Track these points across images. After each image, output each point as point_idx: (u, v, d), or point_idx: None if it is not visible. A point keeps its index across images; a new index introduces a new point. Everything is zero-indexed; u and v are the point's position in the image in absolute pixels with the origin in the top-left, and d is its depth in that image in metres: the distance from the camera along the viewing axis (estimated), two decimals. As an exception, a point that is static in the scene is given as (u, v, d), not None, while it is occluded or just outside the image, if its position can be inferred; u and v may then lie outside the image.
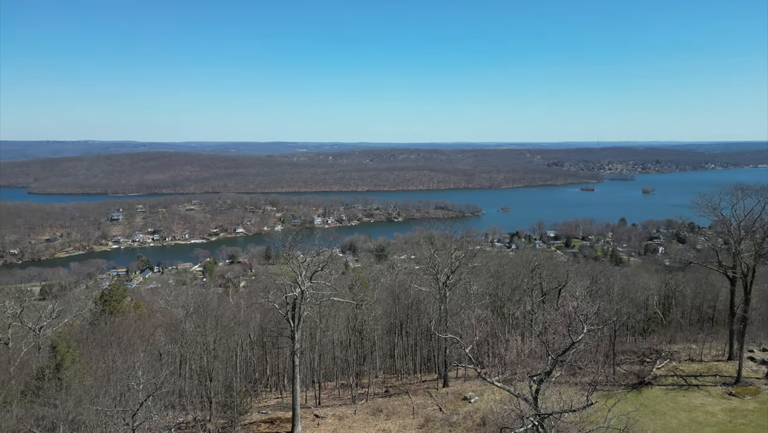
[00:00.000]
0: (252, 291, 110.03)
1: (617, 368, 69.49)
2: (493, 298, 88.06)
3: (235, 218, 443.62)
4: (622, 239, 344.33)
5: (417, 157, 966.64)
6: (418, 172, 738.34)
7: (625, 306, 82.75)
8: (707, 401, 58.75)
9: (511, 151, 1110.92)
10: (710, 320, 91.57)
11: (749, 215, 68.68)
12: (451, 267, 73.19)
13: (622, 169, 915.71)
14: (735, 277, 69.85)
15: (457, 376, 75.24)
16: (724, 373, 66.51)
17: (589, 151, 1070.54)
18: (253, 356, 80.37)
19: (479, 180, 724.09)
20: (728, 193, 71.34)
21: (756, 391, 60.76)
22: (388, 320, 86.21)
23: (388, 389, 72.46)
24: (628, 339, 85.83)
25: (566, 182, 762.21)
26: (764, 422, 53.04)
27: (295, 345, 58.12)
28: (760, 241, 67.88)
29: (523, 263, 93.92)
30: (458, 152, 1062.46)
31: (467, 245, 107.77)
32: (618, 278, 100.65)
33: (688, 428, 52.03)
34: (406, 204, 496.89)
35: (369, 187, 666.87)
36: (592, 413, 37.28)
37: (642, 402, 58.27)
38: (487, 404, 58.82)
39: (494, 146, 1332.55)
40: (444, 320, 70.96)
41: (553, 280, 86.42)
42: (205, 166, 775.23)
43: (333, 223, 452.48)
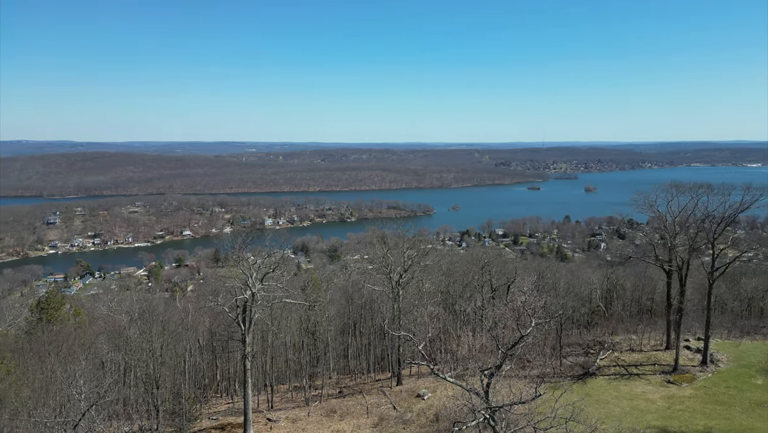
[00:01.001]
0: (200, 295, 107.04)
1: (563, 360, 71.85)
2: (445, 295, 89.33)
3: (181, 220, 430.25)
4: (567, 236, 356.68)
5: (369, 157, 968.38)
6: (371, 172, 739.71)
7: (570, 300, 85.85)
8: (647, 389, 61.65)
9: (461, 152, 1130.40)
10: (649, 311, 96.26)
11: (683, 211, 72.52)
12: (403, 266, 73.66)
13: (566, 168, 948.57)
14: (671, 270, 73.58)
15: (411, 373, 75.83)
16: (662, 362, 69.97)
17: (535, 151, 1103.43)
18: (203, 362, 78.23)
19: (430, 180, 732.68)
20: (664, 190, 75.02)
21: (692, 378, 64.29)
22: (341, 320, 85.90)
23: (342, 390, 72.18)
24: (573, 332, 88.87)
25: (513, 181, 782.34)
26: (700, 407, 56.18)
27: (247, 349, 56.95)
28: (694, 235, 71.85)
29: (474, 261, 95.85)
30: (409, 152, 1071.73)
31: (419, 243, 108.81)
32: (563, 273, 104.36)
33: (630, 415, 54.41)
34: (358, 204, 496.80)
35: (321, 187, 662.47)
36: (540, 404, 38.41)
37: (587, 392, 60.53)
38: (440, 400, 59.56)
39: (444, 146, 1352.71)
40: (397, 318, 71.33)
41: (503, 276, 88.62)
42: (149, 166, 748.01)
43: (284, 224, 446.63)
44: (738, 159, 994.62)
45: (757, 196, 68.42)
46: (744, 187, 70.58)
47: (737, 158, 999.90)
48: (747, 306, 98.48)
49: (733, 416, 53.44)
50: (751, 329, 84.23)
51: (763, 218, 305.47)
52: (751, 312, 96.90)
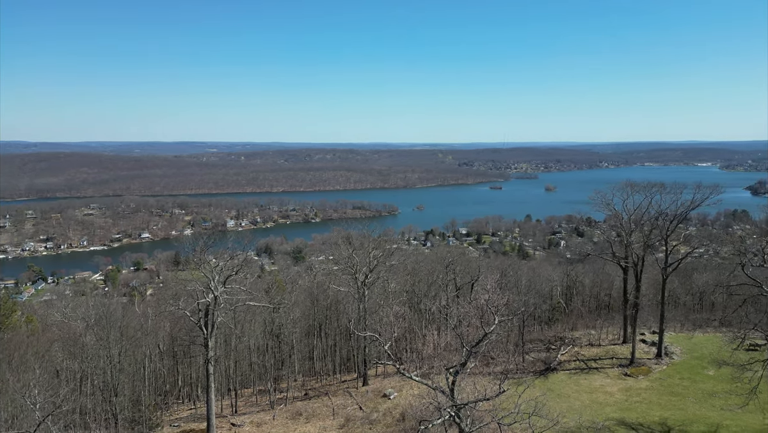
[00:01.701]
0: (160, 299, 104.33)
1: (526, 356, 73.33)
2: (411, 294, 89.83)
3: (139, 223, 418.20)
4: (528, 235, 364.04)
5: (333, 158, 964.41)
6: (335, 173, 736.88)
7: (532, 297, 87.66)
8: (606, 382, 63.57)
9: (425, 152, 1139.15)
10: (607, 307, 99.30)
11: (638, 210, 75.07)
12: (369, 266, 73.70)
13: (527, 168, 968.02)
14: (627, 266, 76.08)
15: (377, 373, 75.93)
16: (619, 355, 72.27)
17: (497, 152, 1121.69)
18: (163, 367, 76.28)
19: (395, 180, 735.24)
20: (620, 189, 77.49)
21: (647, 370, 66.63)
22: (306, 322, 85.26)
23: (307, 392, 71.66)
24: (535, 328, 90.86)
25: (476, 181, 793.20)
26: (656, 398, 58.29)
27: (209, 353, 55.85)
28: (648, 233, 74.50)
29: (438, 260, 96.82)
30: (374, 153, 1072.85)
31: (385, 243, 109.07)
32: (525, 271, 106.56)
33: (590, 408, 55.98)
34: (323, 204, 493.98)
35: (284, 187, 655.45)
36: (504, 400, 39.10)
37: (549, 387, 61.96)
38: (406, 399, 59.85)
39: (408, 147, 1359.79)
40: (363, 318, 71.32)
41: (466, 275, 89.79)
42: (106, 167, 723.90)
43: (247, 225, 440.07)
44: (689, 159, 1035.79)
45: (707, 195, 71.49)
46: (695, 186, 73.64)
47: (689, 158, 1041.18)
48: (699, 300, 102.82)
49: (687, 406, 55.66)
50: (703, 322, 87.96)
51: (713, 216, 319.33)
52: (702, 306, 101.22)
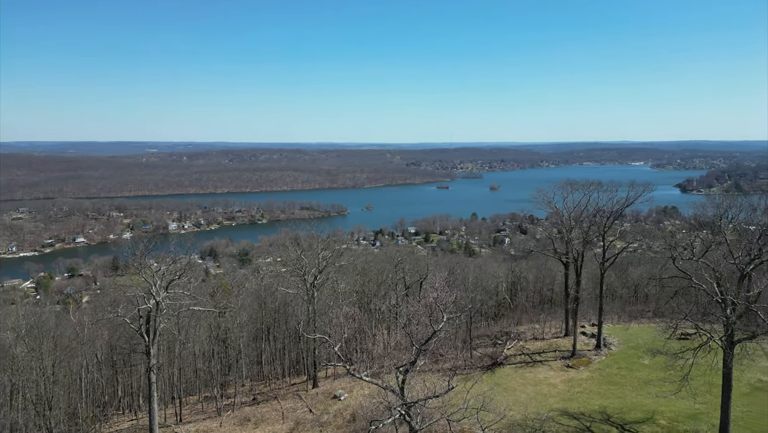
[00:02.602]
0: (98, 306, 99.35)
1: (474, 352, 74.80)
2: (361, 295, 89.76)
3: (74, 227, 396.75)
4: (475, 233, 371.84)
5: (280, 158, 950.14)
6: (282, 173, 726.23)
7: (478, 294, 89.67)
8: (550, 375, 65.76)
9: (373, 152, 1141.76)
10: (550, 301, 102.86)
11: (577, 207, 78.16)
12: (318, 267, 73.06)
13: (473, 168, 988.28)
14: (568, 262, 79.09)
15: (327, 375, 75.39)
16: (562, 348, 74.94)
17: (443, 152, 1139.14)
18: (102, 378, 72.78)
19: (343, 180, 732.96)
20: (560, 188, 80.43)
21: (588, 361, 69.43)
22: (254, 325, 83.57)
23: (255, 397, 70.23)
24: (482, 324, 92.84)
25: (424, 181, 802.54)
26: (596, 388, 60.80)
27: (151, 361, 53.68)
28: (587, 229, 77.70)
29: (388, 259, 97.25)
30: (322, 152, 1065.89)
31: (334, 244, 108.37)
32: (472, 268, 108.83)
33: (535, 400, 57.73)
34: (270, 205, 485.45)
35: (229, 188, 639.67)
36: (453, 396, 39.67)
37: (496, 381, 63.43)
38: (356, 400, 59.72)
39: (356, 147, 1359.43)
40: (312, 320, 70.62)
41: (415, 273, 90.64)
42: (36, 169, 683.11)
43: (190, 227, 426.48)
44: (623, 158, 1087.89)
45: (640, 192, 75.40)
46: (629, 184, 77.52)
47: (623, 157, 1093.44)
48: (634, 293, 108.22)
49: (625, 394, 58.39)
50: (638, 314, 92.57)
51: (646, 212, 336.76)
52: (637, 298, 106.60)
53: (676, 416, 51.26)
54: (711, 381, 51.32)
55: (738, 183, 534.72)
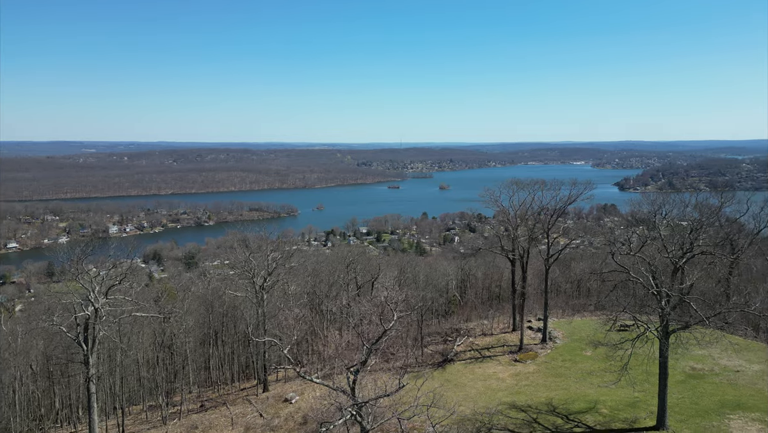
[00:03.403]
0: (32, 314, 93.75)
1: (425, 350, 75.55)
2: (312, 296, 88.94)
3: (5, 231, 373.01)
4: (425, 231, 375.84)
5: (227, 158, 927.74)
6: (229, 173, 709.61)
7: (429, 292, 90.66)
8: (498, 369, 67.26)
9: (323, 152, 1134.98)
10: (498, 297, 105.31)
11: (523, 205, 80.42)
12: (267, 269, 71.84)
13: (422, 167, 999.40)
14: (514, 258, 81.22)
15: (278, 378, 74.23)
16: (510, 343, 76.85)
17: (394, 152, 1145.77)
18: (38, 390, 68.82)
19: (293, 180, 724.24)
20: (506, 187, 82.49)
21: (534, 355, 71.49)
22: (201, 330, 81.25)
23: (203, 403, 68.25)
24: (433, 321, 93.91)
25: (375, 181, 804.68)
26: (542, 381, 62.63)
27: (91, 371, 51.21)
28: (532, 227, 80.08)
29: (339, 260, 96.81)
30: (270, 152, 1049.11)
31: (284, 245, 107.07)
32: (422, 266, 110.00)
33: (484, 395, 58.88)
34: (217, 207, 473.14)
35: (174, 190, 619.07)
36: (404, 394, 39.90)
37: (446, 378, 64.33)
38: (307, 402, 59.11)
39: (306, 147, 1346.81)
40: (262, 323, 69.35)
41: (367, 273, 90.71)
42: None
43: (132, 231, 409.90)
44: (566, 158, 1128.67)
45: (582, 191, 78.46)
46: (571, 183, 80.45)
47: (565, 157, 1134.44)
48: (577, 287, 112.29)
49: (569, 386, 60.46)
50: (581, 307, 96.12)
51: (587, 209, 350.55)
52: (580, 292, 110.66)
53: (617, 404, 53.53)
54: (648, 370, 53.86)
55: (671, 181, 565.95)
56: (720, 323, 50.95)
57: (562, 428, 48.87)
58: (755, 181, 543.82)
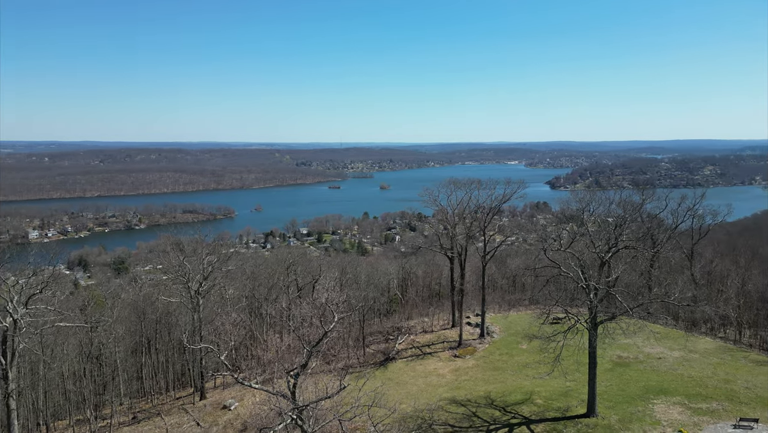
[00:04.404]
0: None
1: (367, 349, 75.72)
2: (251, 300, 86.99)
3: None
4: (367, 231, 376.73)
5: (159, 158, 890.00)
6: (161, 174, 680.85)
7: (371, 291, 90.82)
8: (439, 366, 68.44)
9: (261, 151, 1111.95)
10: (438, 295, 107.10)
11: (460, 204, 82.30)
12: (203, 273, 69.59)
13: (363, 167, 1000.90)
14: (453, 256, 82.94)
15: (216, 385, 72.10)
16: (449, 339, 78.37)
17: (334, 152, 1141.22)
18: (-53, 411, 63.23)
19: (230, 181, 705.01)
20: (445, 186, 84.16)
21: (473, 350, 73.29)
22: (132, 339, 77.51)
23: (136, 415, 65.23)
24: (375, 321, 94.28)
25: (315, 181, 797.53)
26: (480, 375, 64.31)
27: (10, 386, 47.72)
28: (469, 225, 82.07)
29: (279, 262, 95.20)
30: (205, 152, 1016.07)
31: (220, 248, 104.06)
32: (364, 266, 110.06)
33: (425, 392, 59.73)
34: (148, 209, 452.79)
35: (101, 192, 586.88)
36: (346, 395, 39.78)
37: (388, 376, 64.77)
38: (247, 409, 57.74)
39: (243, 146, 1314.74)
40: (198, 329, 67.10)
41: (308, 275, 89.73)
42: None
43: (55, 235, 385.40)
44: (500, 158, 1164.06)
45: (515, 189, 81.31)
46: (505, 182, 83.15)
47: (500, 157, 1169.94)
48: (512, 283, 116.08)
49: (506, 378, 62.44)
50: (516, 302, 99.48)
51: (521, 207, 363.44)
52: (515, 287, 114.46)
53: (551, 394, 55.81)
54: (579, 360, 56.51)
55: (598, 180, 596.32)
56: (643, 313, 54.25)
57: (500, 420, 50.38)
58: (673, 179, 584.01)
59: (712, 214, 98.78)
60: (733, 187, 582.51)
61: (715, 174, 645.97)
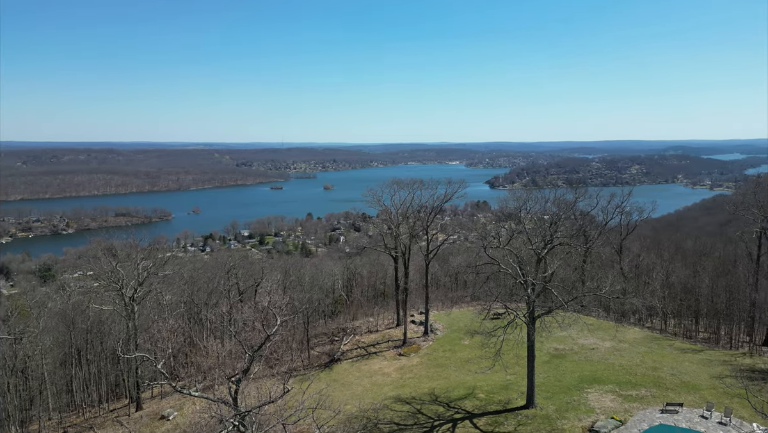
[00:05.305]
0: None
1: (311, 352, 75.03)
2: (189, 305, 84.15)
3: None
4: (310, 232, 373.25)
5: (88, 159, 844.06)
6: (91, 176, 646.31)
7: (315, 293, 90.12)
8: (384, 365, 68.79)
9: (199, 152, 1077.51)
10: (383, 294, 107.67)
11: (403, 204, 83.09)
12: (138, 279, 66.69)
13: (306, 168, 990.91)
14: (397, 256, 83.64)
15: (153, 395, 69.28)
16: (394, 338, 78.96)
17: (276, 152, 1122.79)
18: None
19: (166, 182, 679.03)
20: (388, 186, 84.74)
21: (417, 348, 74.16)
22: (61, 350, 73.12)
23: (66, 430, 61.67)
24: (319, 322, 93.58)
25: (256, 182, 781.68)
26: (425, 372, 65.15)
27: None
28: (413, 224, 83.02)
29: (219, 265, 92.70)
30: (139, 152, 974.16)
31: (157, 252, 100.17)
32: (308, 268, 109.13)
33: (370, 391, 59.86)
34: (77, 213, 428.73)
35: (24, 195, 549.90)
36: (290, 399, 39.20)
37: (333, 378, 64.45)
38: (187, 418, 55.82)
39: (180, 146, 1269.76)
40: (133, 337, 64.24)
41: (250, 278, 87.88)
42: None
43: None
44: (442, 158, 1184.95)
45: (456, 189, 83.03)
46: (446, 182, 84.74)
47: (441, 157, 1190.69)
48: (455, 280, 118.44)
49: (449, 374, 63.58)
50: (459, 299, 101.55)
51: (462, 206, 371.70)
52: (458, 285, 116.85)
53: (492, 388, 57.36)
54: (519, 354, 58.36)
55: (534, 179, 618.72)
56: (577, 307, 56.63)
57: (444, 415, 51.26)
58: (603, 178, 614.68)
59: (638, 211, 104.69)
60: (658, 185, 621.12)
61: (641, 173, 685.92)
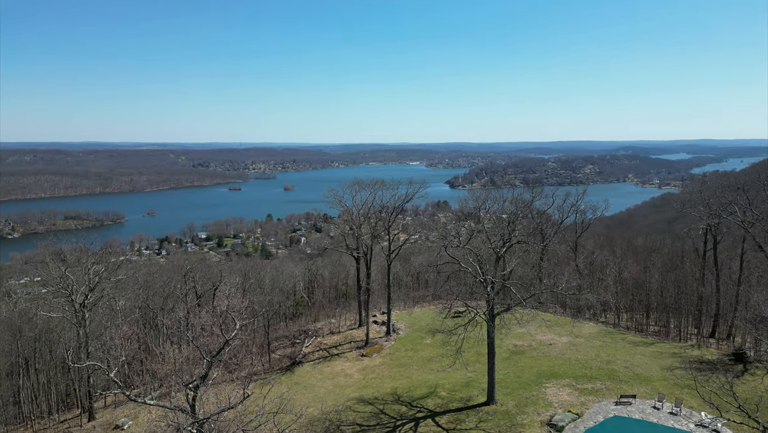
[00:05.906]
0: None
1: (272, 355, 73.94)
2: (144, 310, 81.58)
3: None
4: (271, 234, 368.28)
5: (34, 159, 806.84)
6: (38, 177, 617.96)
7: (276, 295, 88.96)
8: (346, 366, 68.48)
9: (154, 152, 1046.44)
10: (345, 295, 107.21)
11: (365, 204, 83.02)
12: (89, 284, 64.08)
13: (265, 168, 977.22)
14: (359, 256, 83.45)
15: (106, 404, 66.76)
16: (357, 338, 78.73)
17: (234, 152, 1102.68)
18: None
19: (118, 183, 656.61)
20: (349, 187, 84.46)
21: (380, 348, 74.17)
22: (7, 360, 69.51)
23: (12, 446, 58.64)
24: (280, 325, 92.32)
25: (214, 183, 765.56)
26: (387, 372, 65.20)
27: None
28: (374, 224, 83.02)
29: (176, 269, 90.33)
30: (89, 153, 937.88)
31: (109, 256, 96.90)
32: (268, 270, 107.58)
33: (333, 393, 59.47)
34: (23, 216, 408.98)
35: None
36: (250, 404, 38.50)
37: (295, 381, 63.71)
38: (143, 427, 54.04)
39: (133, 147, 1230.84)
40: (85, 345, 61.68)
41: (208, 281, 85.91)
42: None
43: None
44: (402, 158, 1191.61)
45: (417, 189, 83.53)
46: (407, 182, 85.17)
47: (402, 158, 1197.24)
48: (416, 280, 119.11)
49: (412, 374, 63.86)
50: (420, 299, 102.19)
51: (423, 206, 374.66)
52: (419, 284, 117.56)
53: (454, 386, 57.94)
54: (479, 351, 59.21)
55: (492, 179, 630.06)
56: (535, 303, 58.03)
57: (406, 414, 51.44)
58: (558, 177, 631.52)
59: (592, 209, 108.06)
60: (610, 184, 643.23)
61: (594, 172, 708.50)
